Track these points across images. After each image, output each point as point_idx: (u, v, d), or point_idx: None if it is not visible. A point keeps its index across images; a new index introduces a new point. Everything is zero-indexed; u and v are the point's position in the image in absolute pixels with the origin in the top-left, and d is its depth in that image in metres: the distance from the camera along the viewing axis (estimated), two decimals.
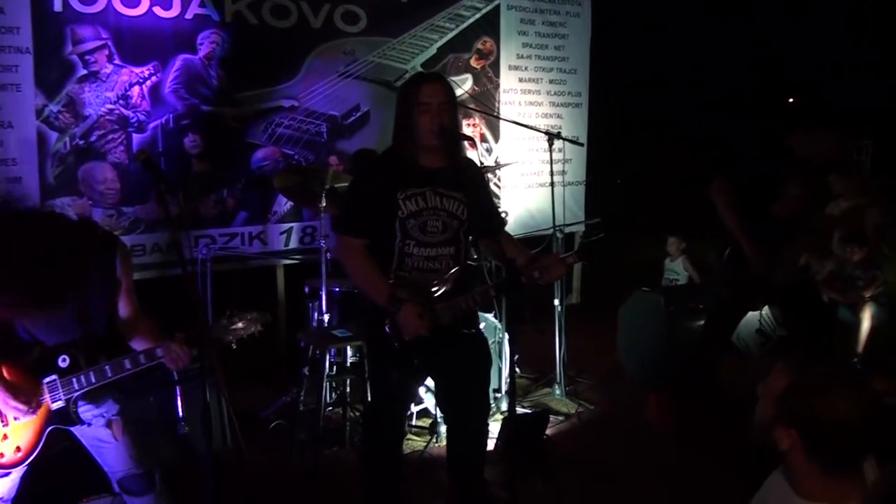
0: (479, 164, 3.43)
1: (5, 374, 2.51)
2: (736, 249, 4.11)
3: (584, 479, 3.89)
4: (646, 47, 7.55)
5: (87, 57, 4.82)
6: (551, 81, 6.85)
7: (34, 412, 2.54)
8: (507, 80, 6.54)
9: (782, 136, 4.14)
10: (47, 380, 2.56)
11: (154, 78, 5.04)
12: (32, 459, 2.58)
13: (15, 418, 2.54)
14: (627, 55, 7.30)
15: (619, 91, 7.46)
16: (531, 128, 4.71)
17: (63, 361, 2.56)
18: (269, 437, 4.31)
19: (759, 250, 4.02)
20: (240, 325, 2.61)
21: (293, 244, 5.63)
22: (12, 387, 2.50)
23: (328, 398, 4.41)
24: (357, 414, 4.41)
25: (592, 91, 7.12)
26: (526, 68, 6.66)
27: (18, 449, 2.55)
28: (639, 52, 7.47)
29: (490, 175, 6.03)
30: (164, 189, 2.50)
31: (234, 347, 2.62)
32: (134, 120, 5.01)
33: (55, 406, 2.57)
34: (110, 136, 4.95)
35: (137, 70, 4.99)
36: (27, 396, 2.51)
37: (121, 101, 4.95)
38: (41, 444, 2.58)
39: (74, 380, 2.56)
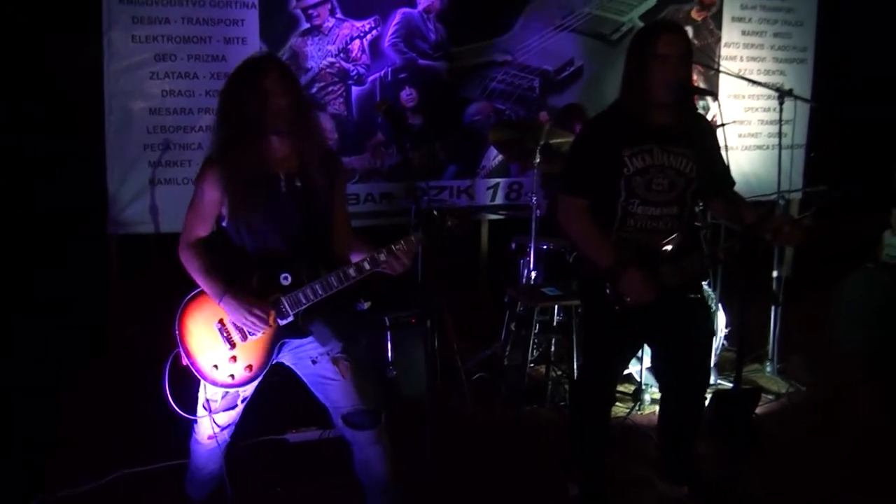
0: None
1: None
2: None
3: (793, 463, 3.61)
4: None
5: (310, 11, 4.99)
6: (775, 35, 6.33)
7: (267, 328, 2.62)
8: (730, 34, 6.12)
9: None
10: (272, 298, 2.62)
11: (374, 32, 5.15)
12: (261, 379, 2.70)
13: (244, 337, 2.65)
14: (860, 5, 6.57)
15: (849, 47, 6.75)
16: (764, 85, 4.36)
17: (285, 280, 2.61)
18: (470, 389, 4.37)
19: None
20: (449, 223, 2.59)
21: (499, 200, 5.62)
22: (248, 303, 2.59)
23: (531, 355, 4.41)
24: (559, 373, 4.39)
25: (819, 46, 6.54)
26: (750, 20, 6.19)
27: (249, 367, 2.67)
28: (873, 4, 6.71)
29: None
30: (402, 138, 2.52)
31: (449, 239, 2.60)
32: (353, 73, 5.16)
33: (283, 322, 2.63)
34: (330, 89, 5.13)
35: (358, 24, 5.11)
36: (263, 311, 2.59)
37: (341, 55, 5.12)
38: (272, 360, 2.68)
39: (301, 294, 2.60)
